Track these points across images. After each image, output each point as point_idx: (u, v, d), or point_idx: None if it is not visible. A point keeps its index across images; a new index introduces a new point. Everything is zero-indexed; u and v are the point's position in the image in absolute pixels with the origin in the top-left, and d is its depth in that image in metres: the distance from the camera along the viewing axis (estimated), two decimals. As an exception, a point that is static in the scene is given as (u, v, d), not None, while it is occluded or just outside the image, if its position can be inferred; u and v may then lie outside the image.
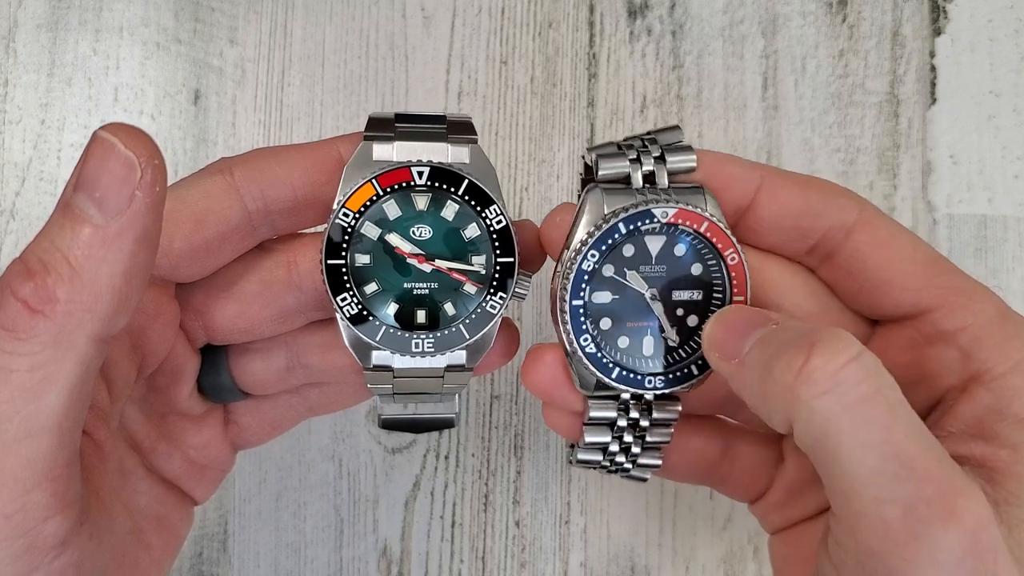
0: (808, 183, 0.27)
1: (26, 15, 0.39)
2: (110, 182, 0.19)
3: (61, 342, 0.19)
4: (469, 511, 0.39)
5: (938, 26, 0.41)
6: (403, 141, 0.26)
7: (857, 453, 0.20)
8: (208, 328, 0.27)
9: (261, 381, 0.29)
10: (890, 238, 0.26)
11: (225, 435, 0.29)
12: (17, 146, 0.38)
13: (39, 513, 0.20)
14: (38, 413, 0.19)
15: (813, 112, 0.41)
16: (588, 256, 0.26)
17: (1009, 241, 0.40)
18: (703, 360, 0.27)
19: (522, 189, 0.40)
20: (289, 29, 0.40)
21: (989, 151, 0.41)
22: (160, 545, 0.27)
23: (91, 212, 0.19)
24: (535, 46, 0.40)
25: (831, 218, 0.26)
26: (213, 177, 0.25)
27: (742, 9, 0.41)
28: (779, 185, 0.26)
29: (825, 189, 0.27)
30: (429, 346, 0.26)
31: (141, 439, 0.27)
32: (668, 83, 0.41)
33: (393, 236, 0.26)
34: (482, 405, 0.40)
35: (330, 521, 0.39)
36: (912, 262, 0.26)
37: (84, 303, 0.19)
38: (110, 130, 0.19)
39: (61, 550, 0.20)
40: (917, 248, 0.26)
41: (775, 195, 0.26)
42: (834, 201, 0.26)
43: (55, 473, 0.20)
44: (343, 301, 0.26)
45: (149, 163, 0.20)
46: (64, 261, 0.19)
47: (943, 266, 0.26)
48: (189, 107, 0.39)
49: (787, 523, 0.29)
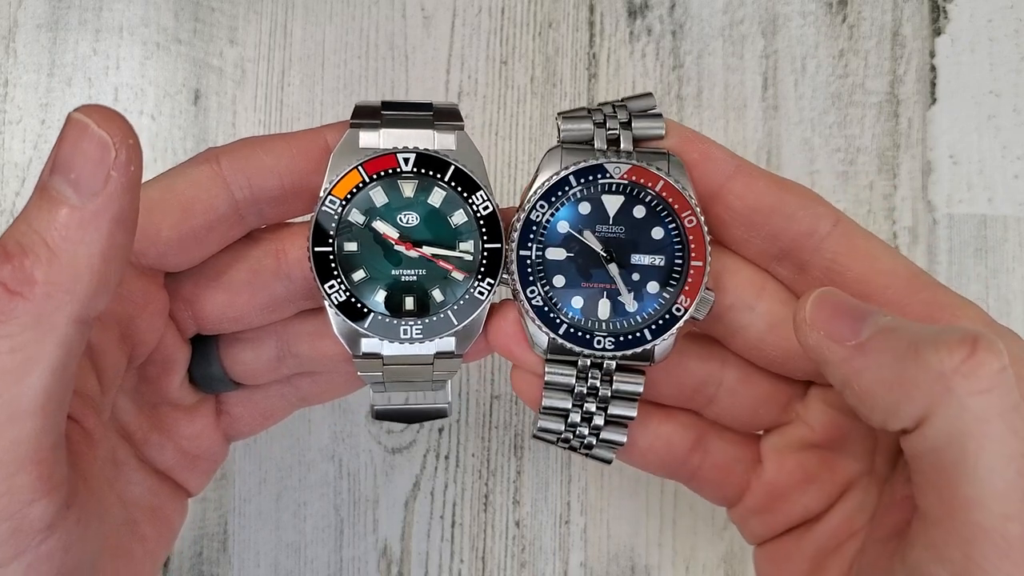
0: (785, 184, 0.26)
1: (26, 15, 0.39)
2: (85, 163, 0.19)
3: (41, 323, 0.19)
4: (469, 511, 0.39)
5: (938, 26, 0.41)
6: (389, 128, 0.26)
7: (999, 463, 0.19)
8: (197, 318, 0.27)
9: (252, 371, 0.29)
10: (871, 250, 0.26)
11: (217, 425, 0.29)
12: (17, 146, 0.38)
13: (24, 496, 0.20)
14: (20, 396, 0.19)
15: (813, 112, 0.41)
16: (537, 207, 0.26)
17: (1009, 241, 0.40)
18: (657, 326, 0.26)
19: (522, 189, 0.40)
20: (289, 29, 0.40)
21: (989, 151, 0.41)
22: (154, 536, 0.27)
23: (67, 193, 0.19)
24: (535, 46, 0.40)
25: (804, 223, 0.26)
26: (200, 166, 0.25)
27: (742, 9, 0.41)
28: (755, 177, 0.26)
29: (802, 194, 0.26)
30: (418, 332, 0.26)
31: (133, 430, 0.27)
32: (668, 83, 0.41)
33: (380, 223, 0.26)
34: (482, 405, 0.40)
35: (330, 521, 0.39)
36: (894, 275, 0.25)
37: (63, 284, 0.19)
38: (84, 111, 0.19)
39: (48, 534, 0.20)
40: (898, 261, 0.26)
41: (750, 186, 0.26)
42: (811, 207, 0.26)
43: (40, 456, 0.20)
44: (331, 288, 0.26)
45: (123, 143, 0.20)
46: (42, 243, 0.19)
47: (925, 280, 0.25)
48: (189, 107, 0.39)
49: (770, 533, 0.28)
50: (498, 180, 0.40)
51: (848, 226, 0.26)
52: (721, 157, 0.26)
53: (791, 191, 0.26)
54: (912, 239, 0.40)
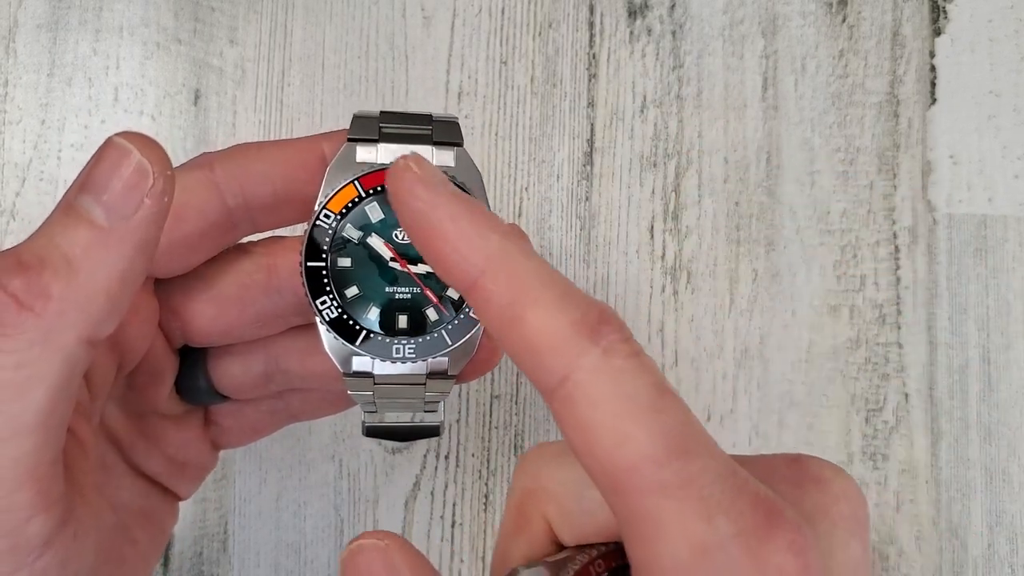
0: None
1: (26, 15, 0.39)
2: (120, 187, 0.19)
3: (51, 341, 0.19)
4: (469, 511, 0.39)
5: (938, 26, 0.41)
6: (387, 143, 0.26)
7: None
8: (186, 329, 0.27)
9: (240, 385, 0.28)
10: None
11: (205, 436, 0.29)
12: (17, 146, 0.38)
13: (23, 513, 0.19)
14: (23, 412, 0.19)
15: (813, 112, 0.41)
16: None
17: (1009, 241, 0.40)
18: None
19: (522, 189, 0.40)
20: (289, 29, 0.40)
21: (989, 151, 0.41)
22: (146, 539, 0.27)
23: (96, 213, 0.19)
24: (535, 46, 0.40)
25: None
26: (193, 172, 0.25)
27: (742, 9, 0.41)
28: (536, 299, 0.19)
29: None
30: (410, 351, 0.26)
31: (121, 436, 0.27)
32: (668, 83, 0.41)
33: (375, 239, 0.26)
34: (482, 405, 0.40)
35: (330, 521, 0.39)
36: None
37: (78, 302, 0.19)
38: (126, 137, 0.20)
39: (45, 550, 0.20)
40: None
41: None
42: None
43: (39, 472, 0.20)
44: (323, 304, 0.25)
45: (162, 174, 0.20)
46: (62, 258, 0.19)
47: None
48: (189, 107, 0.39)
49: None
50: (498, 180, 0.40)
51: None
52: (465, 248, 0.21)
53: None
54: (912, 239, 0.40)
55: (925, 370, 0.40)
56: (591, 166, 0.40)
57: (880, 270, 0.40)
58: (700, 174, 0.40)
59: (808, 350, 0.40)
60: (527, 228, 0.40)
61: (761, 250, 0.40)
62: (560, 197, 0.40)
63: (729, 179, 0.40)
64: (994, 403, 0.40)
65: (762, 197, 0.40)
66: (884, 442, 0.40)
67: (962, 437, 0.40)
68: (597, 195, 0.40)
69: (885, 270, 0.40)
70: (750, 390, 0.40)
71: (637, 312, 0.40)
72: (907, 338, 0.40)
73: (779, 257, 0.40)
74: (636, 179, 0.40)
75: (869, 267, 0.40)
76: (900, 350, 0.40)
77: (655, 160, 0.40)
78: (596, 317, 0.18)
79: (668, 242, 0.40)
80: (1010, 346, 0.40)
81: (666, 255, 0.40)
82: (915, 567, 0.39)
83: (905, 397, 0.40)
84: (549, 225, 0.40)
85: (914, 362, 0.40)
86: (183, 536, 0.38)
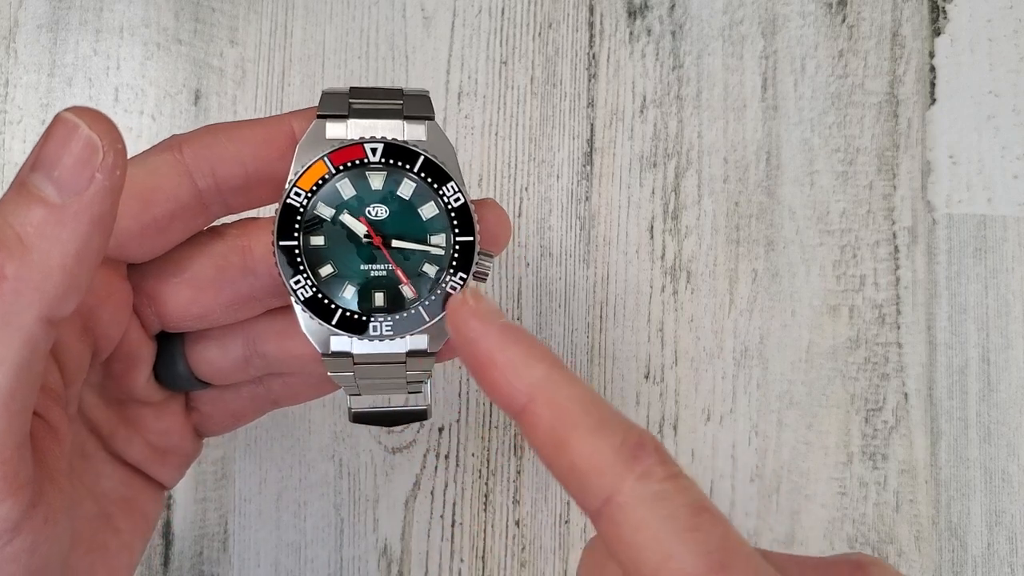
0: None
1: (26, 15, 0.39)
2: (70, 162, 0.19)
3: (8, 321, 0.19)
4: (469, 511, 0.39)
5: (938, 26, 0.41)
6: (357, 119, 0.25)
7: None
8: (161, 314, 0.26)
9: (219, 370, 0.28)
10: None
11: (187, 422, 0.29)
12: (17, 146, 0.38)
13: None
14: None
15: (813, 112, 0.41)
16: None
17: (1009, 241, 0.40)
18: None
19: (522, 189, 0.40)
20: (289, 29, 0.40)
21: (989, 151, 0.41)
22: (129, 528, 0.27)
23: (47, 191, 0.19)
24: (535, 46, 0.40)
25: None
26: (162, 155, 0.25)
27: (742, 9, 0.41)
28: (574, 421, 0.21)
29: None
30: (388, 329, 0.25)
31: (100, 424, 0.27)
32: (668, 83, 0.41)
33: (347, 216, 0.25)
34: (482, 405, 0.40)
35: (330, 521, 0.39)
36: None
37: (33, 281, 0.19)
38: (74, 112, 0.19)
39: (13, 535, 0.20)
40: None
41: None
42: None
43: (3, 456, 0.19)
44: (297, 284, 0.25)
45: (112, 146, 0.19)
46: (15, 237, 0.19)
47: None
48: (189, 107, 0.39)
49: None
50: (498, 180, 0.40)
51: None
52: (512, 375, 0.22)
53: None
54: (911, 239, 0.40)
55: (925, 370, 0.40)
56: (591, 166, 0.40)
57: (880, 270, 0.40)
58: (700, 174, 0.40)
59: (808, 350, 0.40)
60: (527, 228, 0.40)
61: (761, 250, 0.40)
62: (560, 197, 0.40)
63: (729, 179, 0.40)
64: (993, 403, 0.40)
65: (762, 197, 0.40)
66: (884, 442, 0.40)
67: (961, 437, 0.40)
68: (597, 195, 0.40)
69: (885, 270, 0.40)
70: (750, 390, 0.40)
71: (637, 312, 0.40)
72: (907, 338, 0.40)
73: (779, 257, 0.40)
74: (636, 179, 0.40)
75: (869, 267, 0.40)
76: (900, 350, 0.40)
77: (655, 160, 0.40)
78: (635, 441, 0.19)
79: (668, 242, 0.40)
80: (1010, 346, 0.40)
81: (666, 255, 0.40)
82: (915, 567, 0.39)
83: (905, 397, 0.40)
84: (549, 225, 0.40)
85: (914, 362, 0.40)
86: (183, 536, 0.38)
